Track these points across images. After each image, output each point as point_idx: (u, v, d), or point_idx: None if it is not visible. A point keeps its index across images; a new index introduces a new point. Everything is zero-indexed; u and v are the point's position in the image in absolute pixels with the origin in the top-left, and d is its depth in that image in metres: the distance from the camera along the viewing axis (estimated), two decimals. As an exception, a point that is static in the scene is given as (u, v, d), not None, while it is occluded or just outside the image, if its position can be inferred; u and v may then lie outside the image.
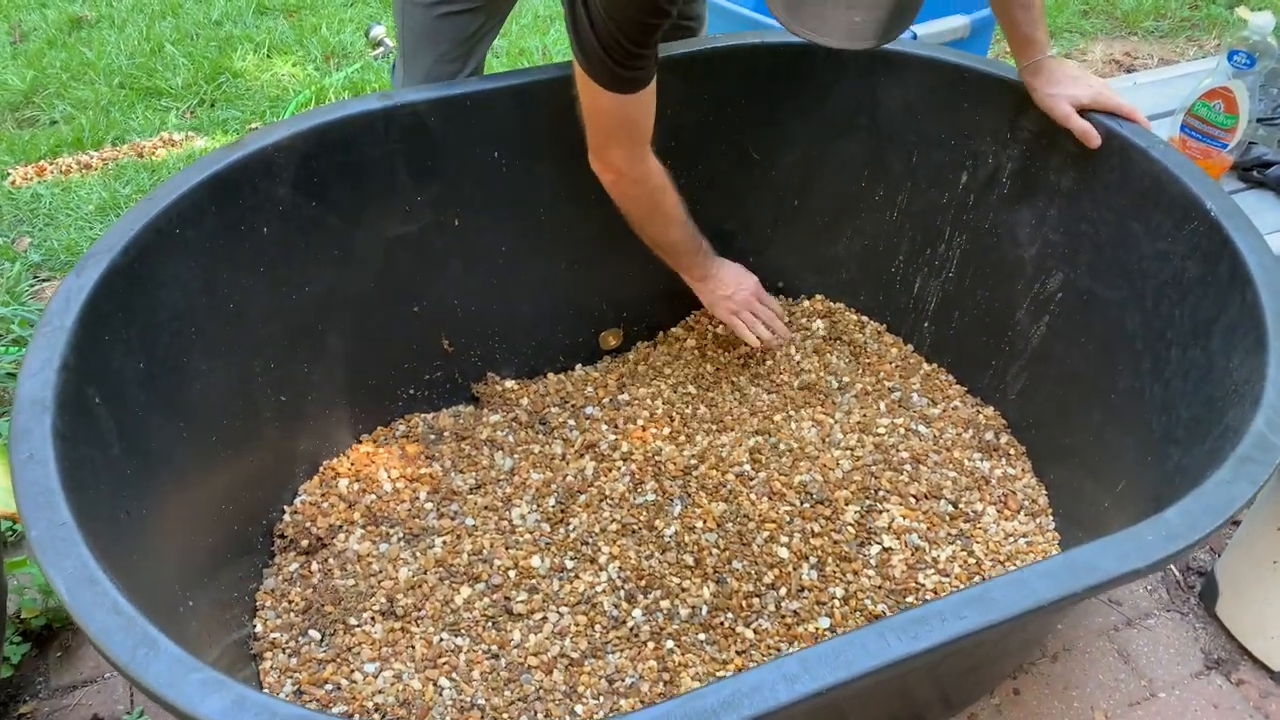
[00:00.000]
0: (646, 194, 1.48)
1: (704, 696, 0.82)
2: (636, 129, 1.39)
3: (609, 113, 1.36)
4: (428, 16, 1.58)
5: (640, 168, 1.44)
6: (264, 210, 1.40)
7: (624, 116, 1.37)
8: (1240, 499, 0.99)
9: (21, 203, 2.46)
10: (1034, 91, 1.45)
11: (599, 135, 1.41)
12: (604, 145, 1.42)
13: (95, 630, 0.86)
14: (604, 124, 1.39)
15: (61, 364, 1.07)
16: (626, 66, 1.29)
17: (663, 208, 1.51)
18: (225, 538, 1.41)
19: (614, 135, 1.40)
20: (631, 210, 1.51)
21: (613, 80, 1.30)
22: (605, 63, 1.28)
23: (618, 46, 1.26)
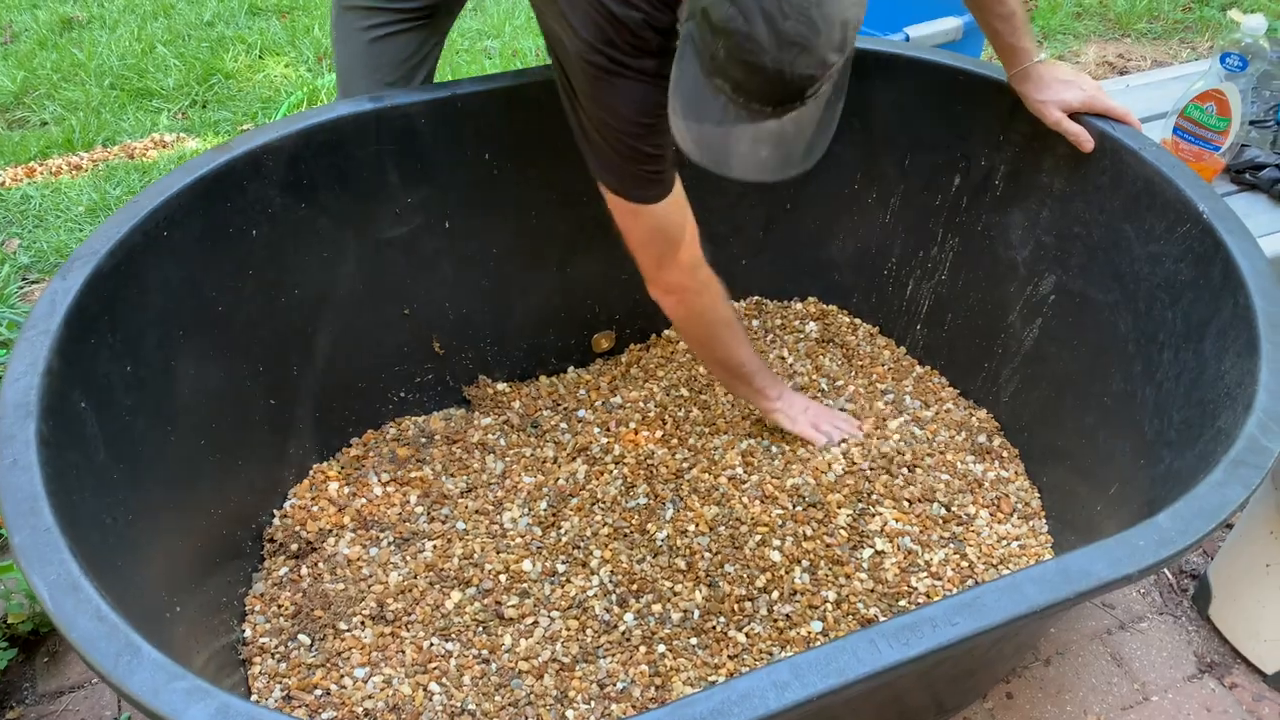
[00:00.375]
0: (711, 306, 1.41)
1: (694, 704, 0.81)
2: (685, 236, 1.32)
3: (652, 231, 1.30)
4: (363, 40, 1.49)
5: (700, 277, 1.37)
6: (253, 213, 1.39)
7: (671, 226, 1.30)
8: (1232, 503, 0.98)
9: (11, 204, 2.44)
10: (1024, 98, 1.44)
11: (649, 259, 1.34)
12: (660, 265, 1.34)
13: (78, 637, 0.85)
14: (655, 244, 1.32)
15: (46, 368, 1.06)
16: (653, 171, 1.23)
17: (727, 319, 1.45)
18: (213, 542, 1.40)
19: (664, 253, 1.32)
20: (700, 331, 1.45)
21: (642, 188, 1.24)
22: (630, 174, 1.22)
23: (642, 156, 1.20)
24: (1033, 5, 3.29)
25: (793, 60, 0.89)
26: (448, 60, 2.94)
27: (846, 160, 1.72)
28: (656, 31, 1.10)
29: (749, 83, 0.91)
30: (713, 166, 1.02)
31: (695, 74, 0.95)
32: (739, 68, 0.90)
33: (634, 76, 1.13)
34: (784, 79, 0.90)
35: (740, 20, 0.86)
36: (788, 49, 0.88)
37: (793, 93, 0.93)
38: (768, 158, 1.00)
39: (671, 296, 1.38)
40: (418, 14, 1.47)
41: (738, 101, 0.93)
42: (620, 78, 1.13)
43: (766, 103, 0.93)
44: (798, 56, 0.89)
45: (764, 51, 0.88)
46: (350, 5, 1.46)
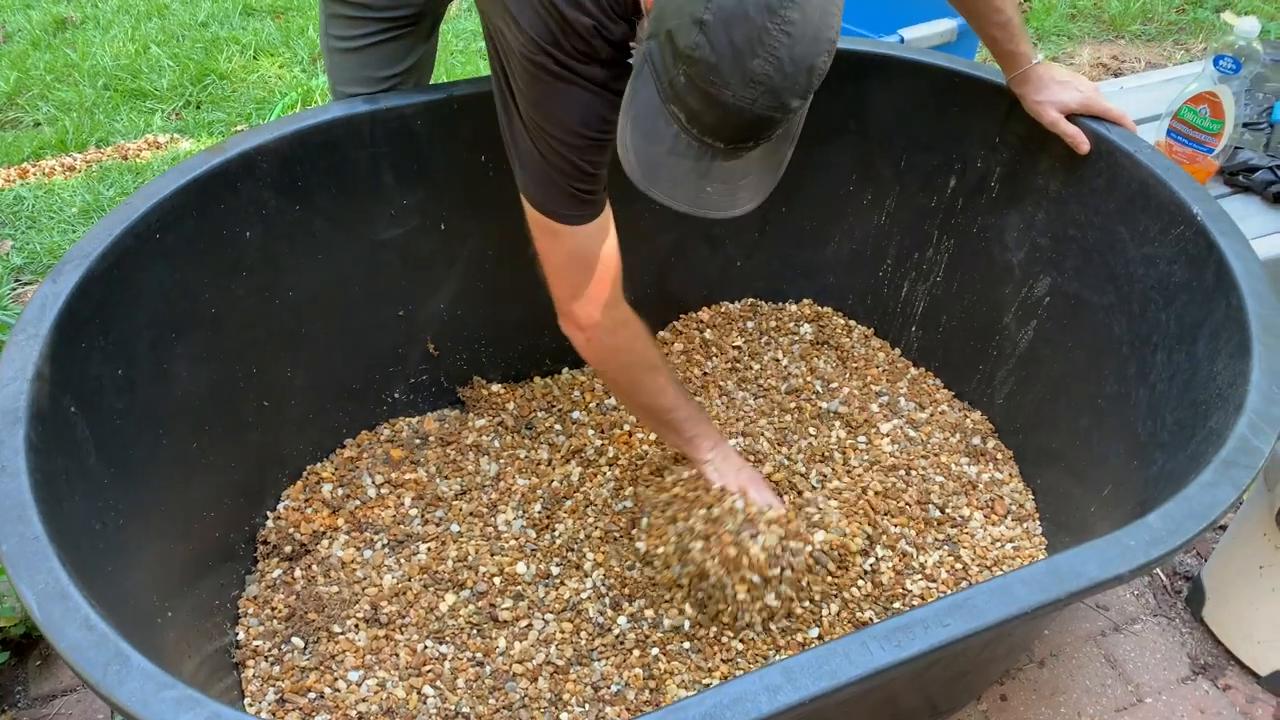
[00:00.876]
0: (627, 346, 1.29)
1: (686, 708, 0.81)
2: (606, 269, 1.23)
3: (572, 257, 1.21)
4: (349, 48, 1.46)
5: (615, 315, 1.26)
6: (246, 214, 1.39)
7: (592, 255, 1.21)
8: (1223, 503, 0.98)
9: (3, 205, 2.43)
10: (1022, 99, 1.44)
11: (564, 287, 1.24)
12: (575, 297, 1.23)
13: (66, 646, 0.85)
14: (573, 273, 1.22)
15: (35, 373, 1.05)
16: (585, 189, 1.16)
17: (648, 360, 1.32)
18: (206, 545, 1.40)
19: (587, 283, 1.22)
20: (616, 373, 1.34)
21: (570, 206, 1.16)
22: (560, 189, 1.15)
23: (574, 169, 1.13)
24: (1027, 7, 3.29)
25: (754, 99, 0.86)
26: (442, 61, 2.93)
27: (842, 162, 1.72)
28: (607, 42, 1.05)
29: (706, 115, 0.88)
30: (654, 194, 0.98)
31: (651, 97, 0.91)
32: (698, 98, 0.87)
33: (580, 84, 1.07)
34: (742, 117, 0.88)
35: (707, 50, 0.83)
36: (752, 87, 0.85)
37: (749, 133, 0.91)
38: (712, 194, 0.96)
39: (582, 333, 1.27)
40: (402, 21, 1.45)
41: (691, 132, 0.90)
42: (565, 83, 1.07)
43: (720, 138, 0.90)
44: (760, 96, 0.86)
45: (727, 86, 0.85)
46: (336, 14, 1.44)
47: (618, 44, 1.06)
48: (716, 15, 0.83)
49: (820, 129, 1.67)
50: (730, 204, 0.98)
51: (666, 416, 1.36)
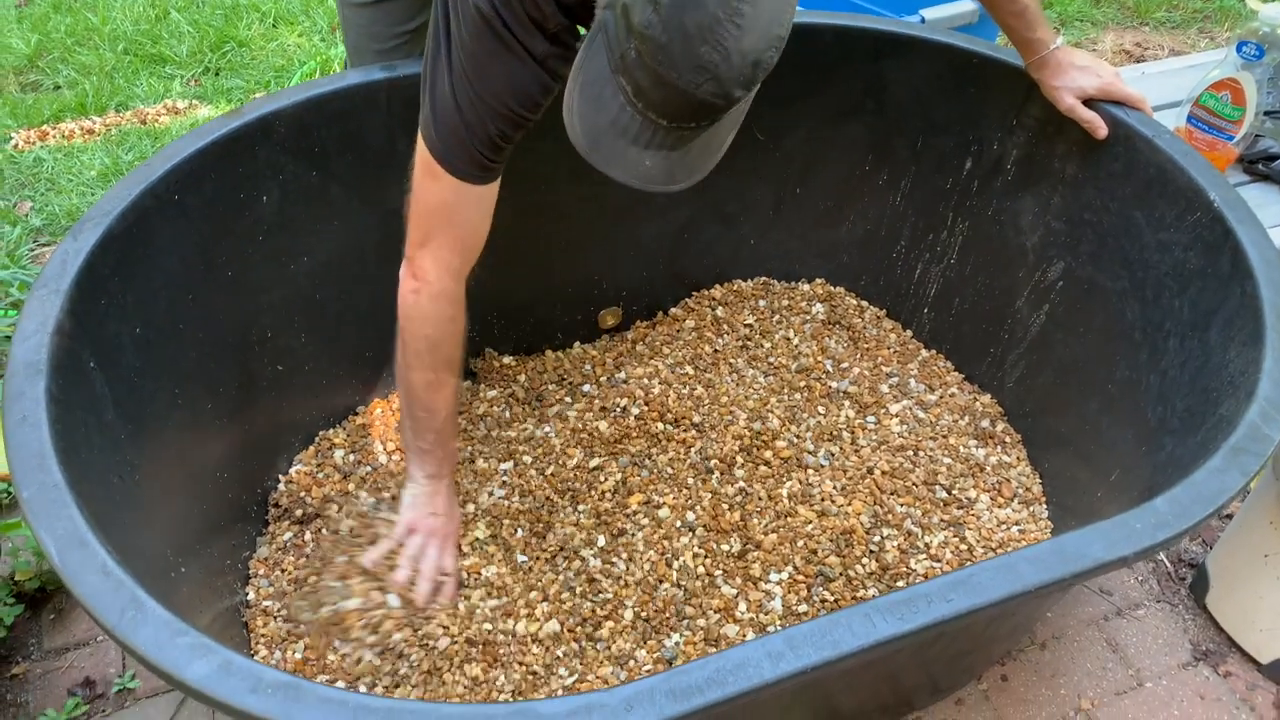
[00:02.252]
0: (436, 320, 1.25)
1: (688, 673, 0.82)
2: (471, 236, 1.22)
3: (447, 207, 1.19)
4: (361, 6, 1.48)
5: (450, 285, 1.23)
6: (264, 179, 1.40)
7: (461, 214, 1.20)
8: (1231, 489, 0.99)
9: (24, 166, 2.45)
10: (1041, 84, 1.44)
11: (421, 232, 1.21)
12: (423, 244, 1.21)
13: (84, 592, 0.86)
14: (435, 220, 1.20)
15: (56, 328, 1.07)
16: (487, 155, 1.15)
17: (443, 351, 1.27)
18: (219, 505, 1.41)
19: (440, 234, 1.20)
20: (413, 339, 1.26)
21: (467, 164, 1.14)
22: (465, 149, 1.13)
23: (483, 134, 1.12)
24: (1051, -9, 3.27)
25: (699, 85, 0.86)
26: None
27: (858, 142, 1.72)
28: (560, 8, 1.05)
29: (652, 92, 0.88)
30: (595, 161, 0.98)
31: (601, 65, 0.91)
32: (646, 75, 0.87)
33: (520, 55, 1.07)
34: (686, 100, 0.88)
35: (659, 29, 0.84)
36: (697, 73, 0.85)
37: (692, 115, 0.91)
38: (651, 168, 0.95)
39: (412, 282, 1.23)
40: None
41: (636, 106, 0.90)
42: (506, 50, 1.07)
43: (663, 116, 0.90)
44: (705, 82, 0.86)
45: (674, 69, 0.85)
46: None
47: (570, 12, 1.06)
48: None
49: (837, 108, 1.69)
50: (667, 179, 0.98)
51: (423, 414, 1.31)
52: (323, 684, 0.81)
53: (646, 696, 0.81)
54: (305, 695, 0.80)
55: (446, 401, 1.31)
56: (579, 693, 1.29)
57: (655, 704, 0.80)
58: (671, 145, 0.94)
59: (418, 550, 1.34)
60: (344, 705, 0.79)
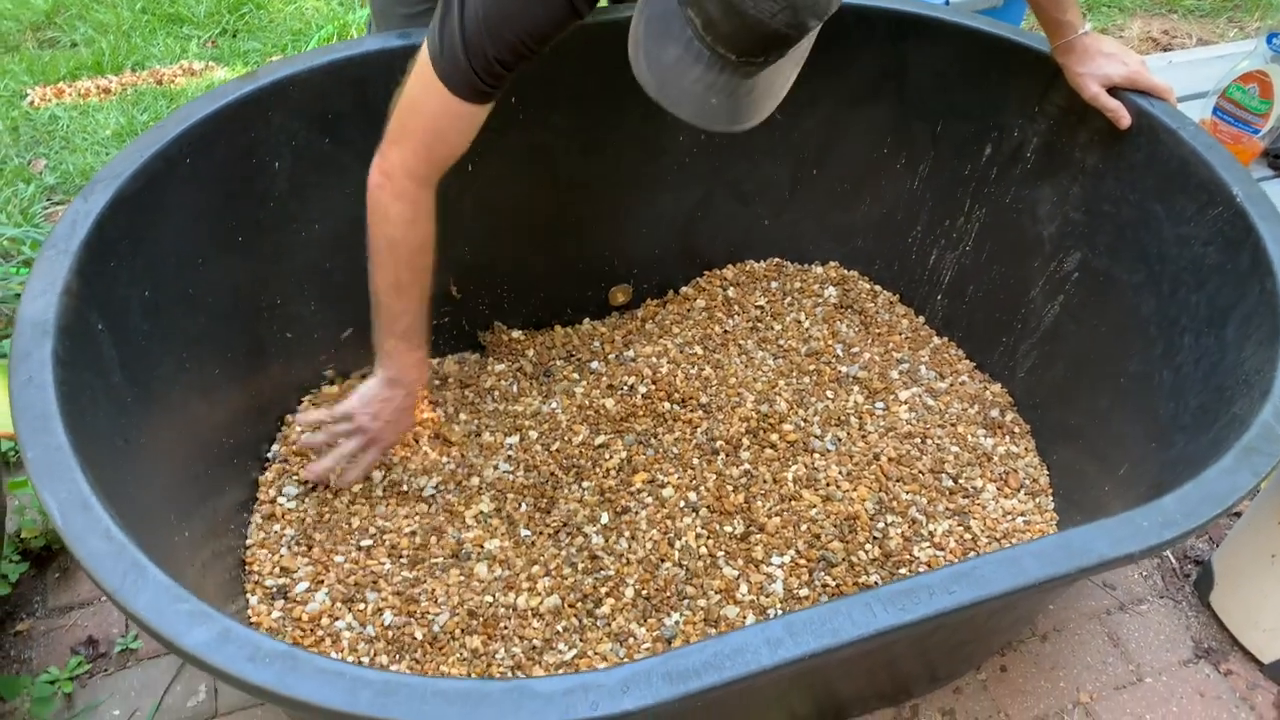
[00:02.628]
0: (397, 220, 1.24)
1: (685, 656, 0.82)
2: (442, 146, 1.21)
3: (428, 112, 1.18)
4: None
5: (411, 187, 1.23)
6: (277, 144, 1.39)
7: (440, 123, 1.19)
8: (1241, 489, 0.98)
9: (39, 124, 2.45)
10: (1066, 70, 1.42)
11: (398, 128, 1.21)
12: (396, 141, 1.21)
13: (85, 555, 0.86)
14: (414, 120, 1.20)
15: (64, 288, 1.07)
16: (481, 77, 1.14)
17: (402, 252, 1.27)
18: (224, 469, 1.42)
19: (414, 136, 1.20)
20: (376, 233, 1.27)
21: (460, 79, 1.14)
22: (460, 64, 1.12)
23: (482, 55, 1.11)
24: (1079, -25, 3.21)
25: (774, 14, 0.85)
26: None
27: (878, 124, 1.70)
28: None
29: (723, 24, 0.87)
30: (660, 98, 0.97)
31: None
32: (717, 5, 0.86)
33: None
34: (758, 31, 0.87)
35: None
36: (773, 2, 0.84)
37: (762, 47, 0.90)
38: (716, 105, 0.95)
39: (379, 174, 1.23)
40: None
41: (705, 39, 0.89)
42: None
43: (733, 49, 0.89)
44: (780, 11, 0.85)
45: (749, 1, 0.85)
46: None
47: None
48: None
49: (858, 89, 1.66)
50: (733, 119, 0.98)
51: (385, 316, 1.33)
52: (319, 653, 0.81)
53: (643, 678, 0.81)
54: (302, 665, 0.80)
55: (408, 307, 1.31)
56: (578, 668, 1.30)
57: (652, 686, 0.80)
58: (738, 82, 0.93)
59: (339, 434, 1.41)
60: (341, 677, 0.80)
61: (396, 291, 1.30)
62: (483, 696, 0.79)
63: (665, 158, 1.68)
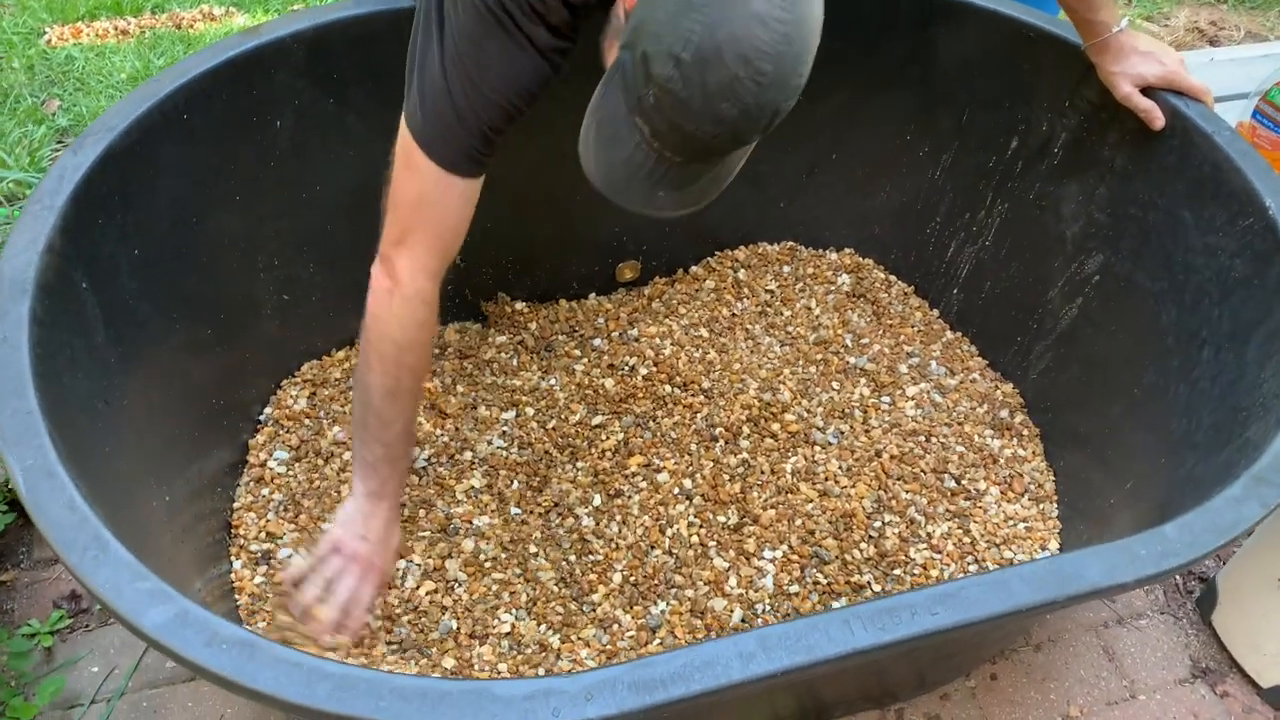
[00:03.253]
0: (404, 324, 1.16)
1: (653, 665, 0.80)
2: (450, 234, 1.16)
3: (423, 199, 1.12)
4: None
5: (427, 288, 1.16)
6: (278, 103, 1.36)
7: (443, 210, 1.13)
8: (1248, 520, 0.94)
9: (55, 64, 2.42)
10: (1098, 67, 1.36)
11: (398, 228, 1.15)
12: (400, 241, 1.14)
13: (47, 525, 0.84)
14: (414, 215, 1.14)
15: (47, 246, 1.04)
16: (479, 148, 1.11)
17: (408, 359, 1.19)
18: (211, 431, 1.40)
19: (418, 232, 1.14)
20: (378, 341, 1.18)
21: (454, 154, 1.09)
22: (452, 133, 1.08)
23: (476, 124, 1.08)
24: (1127, -40, 3.11)
25: (717, 135, 0.87)
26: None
27: (901, 111, 1.65)
28: (564, 4, 1.03)
29: (669, 136, 0.88)
30: (609, 194, 0.98)
31: (618, 105, 0.91)
32: (664, 121, 0.87)
33: (519, 41, 1.04)
34: (704, 145, 0.88)
35: (679, 85, 0.83)
36: (717, 125, 0.85)
37: (708, 156, 0.92)
38: (664, 199, 0.96)
39: (383, 280, 1.17)
40: None
41: (652, 145, 0.90)
42: (507, 35, 1.03)
43: (680, 154, 0.90)
44: (723, 133, 0.86)
45: (693, 120, 0.85)
46: None
47: (574, 9, 1.05)
48: (694, 56, 0.82)
49: (881, 74, 1.61)
50: (677, 207, 0.98)
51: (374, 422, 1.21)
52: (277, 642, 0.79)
53: (608, 687, 0.78)
54: (260, 654, 0.78)
55: (402, 414, 1.22)
56: (559, 653, 1.29)
57: (616, 695, 0.78)
58: (687, 180, 0.94)
59: (334, 572, 1.20)
60: (298, 668, 0.78)
61: (392, 398, 1.20)
62: (441, 696, 0.77)
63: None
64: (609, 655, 1.29)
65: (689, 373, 1.60)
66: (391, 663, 1.26)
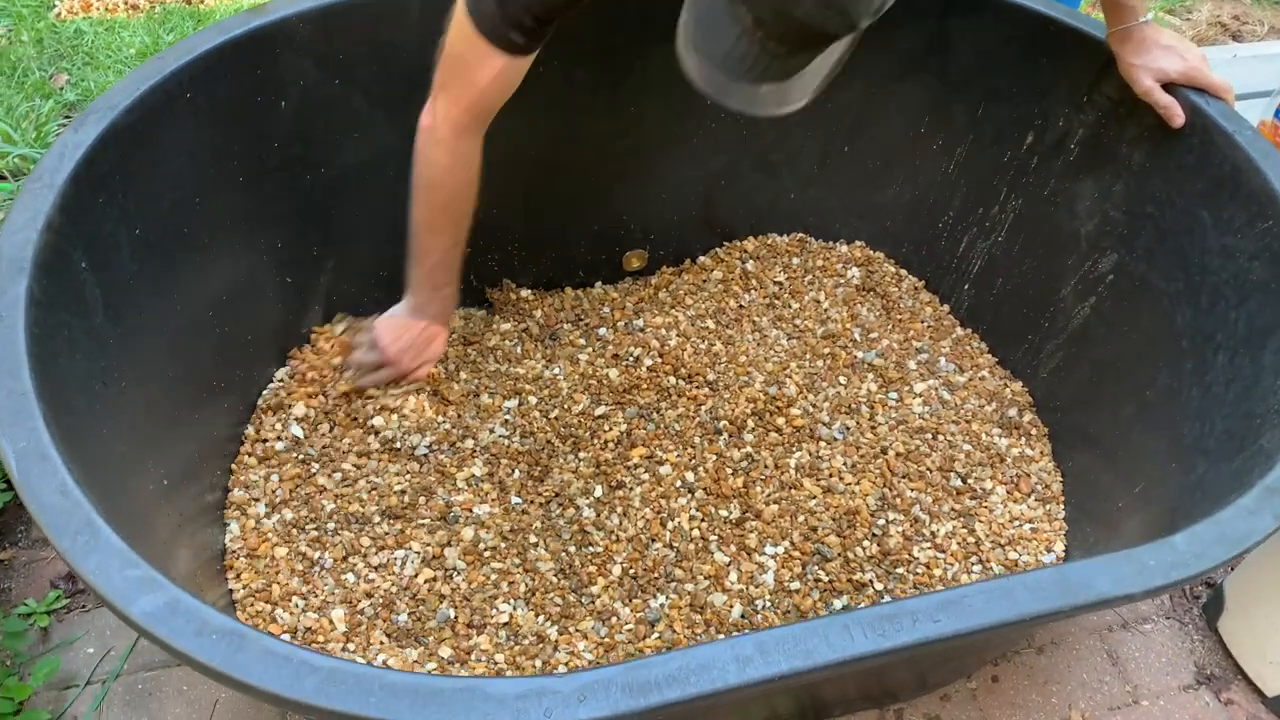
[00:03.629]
0: (435, 165, 1.26)
1: (649, 667, 0.78)
2: (481, 98, 1.21)
3: (466, 63, 1.18)
4: None
5: (450, 137, 1.24)
6: (284, 83, 1.34)
7: (477, 76, 1.18)
8: (1259, 532, 0.92)
9: (64, 37, 2.40)
10: (1119, 59, 1.33)
11: (440, 77, 1.21)
12: (441, 88, 1.22)
13: (38, 509, 0.83)
14: (452, 71, 1.20)
15: (46, 224, 1.03)
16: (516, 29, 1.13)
17: (439, 196, 1.29)
18: (212, 414, 1.39)
19: (453, 86, 1.20)
20: (417, 173, 1.29)
21: (493, 30, 1.13)
22: (494, 17, 1.12)
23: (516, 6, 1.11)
24: (1150, -48, 3.06)
25: (826, 19, 0.84)
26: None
27: (915, 102, 1.62)
28: None
29: (774, 24, 0.86)
30: (709, 91, 0.97)
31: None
32: (768, 8, 0.85)
33: None
34: (811, 31, 0.86)
35: None
36: (825, 8, 0.83)
37: (815, 44, 0.89)
38: (765, 94, 0.95)
39: (425, 118, 1.25)
40: None
41: (754, 36, 0.88)
42: None
43: (783, 45, 0.88)
44: (833, 16, 0.84)
45: (800, 5, 0.83)
46: None
47: None
48: None
49: (897, 64, 1.58)
50: (782, 103, 0.97)
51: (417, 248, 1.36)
52: (268, 634, 0.78)
53: (602, 688, 0.77)
54: (249, 645, 0.77)
55: (440, 246, 1.35)
56: (556, 645, 1.27)
57: (610, 697, 0.77)
58: (789, 71, 0.92)
59: (372, 361, 1.44)
60: (288, 661, 0.76)
61: (429, 230, 1.33)
62: (433, 693, 0.76)
63: (691, 121, 1.61)
64: (607, 648, 1.28)
65: (694, 364, 1.59)
66: (389, 651, 1.26)
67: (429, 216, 1.32)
